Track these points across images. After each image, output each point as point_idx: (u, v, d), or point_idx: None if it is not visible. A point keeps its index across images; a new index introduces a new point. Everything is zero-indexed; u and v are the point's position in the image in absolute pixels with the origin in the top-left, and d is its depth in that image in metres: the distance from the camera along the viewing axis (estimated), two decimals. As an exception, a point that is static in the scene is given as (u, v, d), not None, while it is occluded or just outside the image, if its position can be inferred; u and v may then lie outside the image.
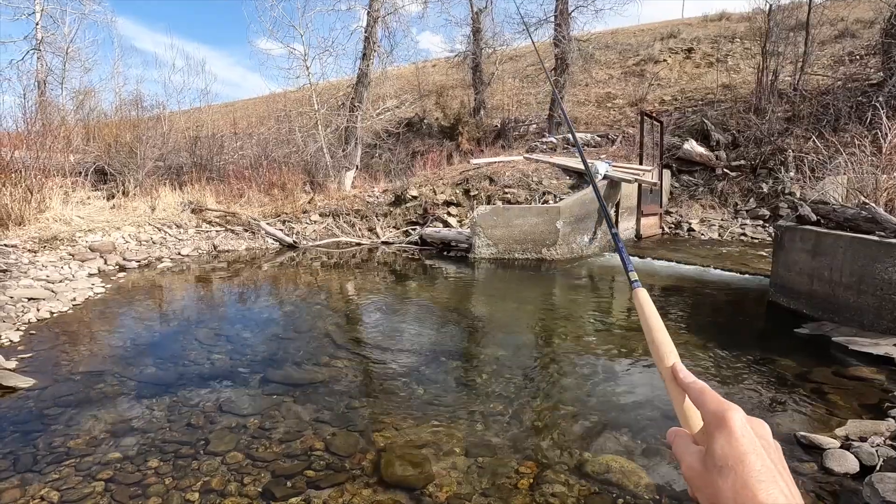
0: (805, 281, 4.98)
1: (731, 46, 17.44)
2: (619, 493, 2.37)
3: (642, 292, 0.63)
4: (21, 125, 11.19)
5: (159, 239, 9.34)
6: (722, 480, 0.41)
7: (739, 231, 10.14)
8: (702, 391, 0.48)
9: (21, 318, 4.93)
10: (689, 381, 0.51)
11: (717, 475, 0.42)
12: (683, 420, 0.52)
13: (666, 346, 0.57)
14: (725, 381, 3.62)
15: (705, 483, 0.43)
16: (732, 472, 0.41)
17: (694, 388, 0.49)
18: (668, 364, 0.55)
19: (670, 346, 0.57)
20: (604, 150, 12.55)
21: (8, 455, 2.64)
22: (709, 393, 0.48)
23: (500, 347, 4.45)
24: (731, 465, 0.41)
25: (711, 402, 0.46)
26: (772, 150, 11.08)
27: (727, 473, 0.41)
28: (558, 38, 14.68)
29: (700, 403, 0.48)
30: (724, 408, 0.45)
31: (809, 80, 12.56)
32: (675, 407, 0.53)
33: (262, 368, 3.90)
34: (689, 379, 0.51)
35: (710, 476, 0.42)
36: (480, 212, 8.71)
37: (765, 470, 0.41)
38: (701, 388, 0.49)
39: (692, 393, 0.49)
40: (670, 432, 0.52)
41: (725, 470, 0.41)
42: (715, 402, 0.46)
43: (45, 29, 17.27)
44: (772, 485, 0.40)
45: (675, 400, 0.53)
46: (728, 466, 0.41)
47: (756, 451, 0.42)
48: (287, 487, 2.41)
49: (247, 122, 18.09)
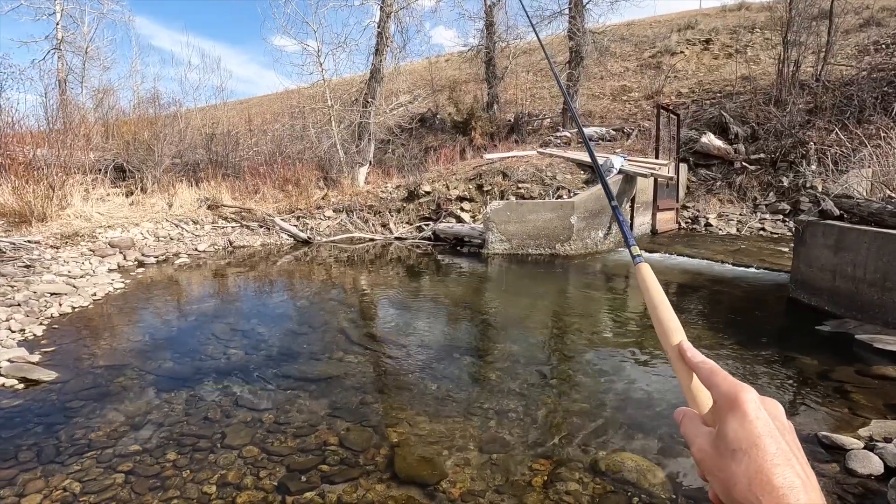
0: (827, 277, 4.86)
1: (750, 37, 17.05)
2: (635, 491, 2.35)
3: (645, 267, 0.61)
4: (43, 124, 11.46)
5: (176, 235, 9.48)
6: (735, 465, 0.40)
7: (758, 226, 9.94)
8: (712, 371, 0.47)
9: (44, 313, 5.04)
10: (697, 361, 0.49)
11: (731, 459, 0.41)
12: (692, 400, 0.50)
13: (671, 324, 0.55)
14: (743, 380, 3.55)
15: (717, 466, 0.42)
16: (746, 456, 0.40)
17: (703, 367, 0.48)
18: (674, 342, 0.53)
19: (675, 324, 0.55)
20: (619, 145, 12.39)
21: (32, 446, 2.71)
22: (719, 373, 0.46)
23: (513, 343, 4.43)
24: (745, 448, 0.40)
25: (723, 383, 0.45)
26: (793, 143, 10.82)
27: (741, 457, 0.40)
28: (573, 31, 14.50)
29: (710, 384, 0.46)
30: (736, 389, 0.43)
31: (832, 70, 12.22)
32: (682, 386, 0.52)
33: (277, 363, 3.94)
34: (698, 358, 0.50)
35: (722, 460, 0.41)
36: (494, 207, 8.67)
37: (780, 453, 0.40)
38: (711, 367, 0.47)
39: (702, 373, 0.48)
40: (678, 412, 0.51)
41: (739, 454, 0.40)
42: (726, 382, 0.45)
43: (65, 29, 17.61)
44: (787, 468, 0.39)
45: (683, 379, 0.51)
46: (742, 450, 0.40)
47: (771, 434, 0.40)
48: (302, 482, 2.43)
49: (261, 118, 18.24)
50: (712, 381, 0.46)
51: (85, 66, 17.80)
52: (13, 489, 2.35)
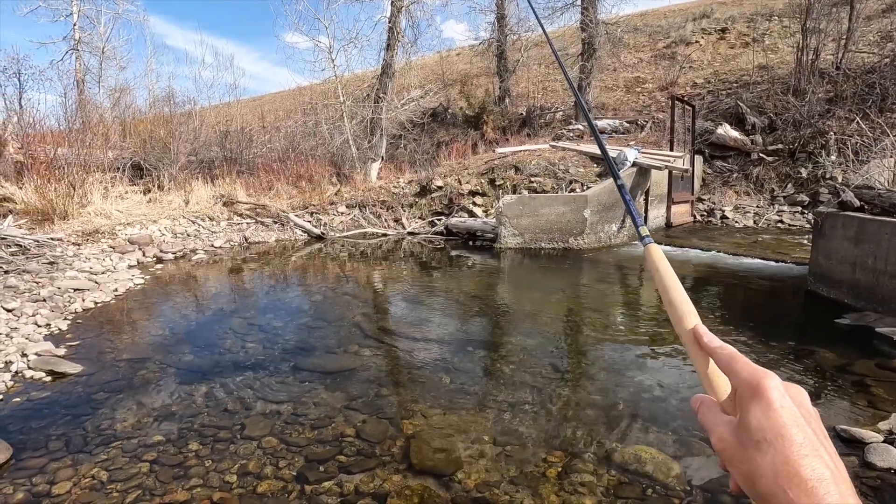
0: (847, 269, 4.78)
1: (768, 25, 16.69)
2: (649, 484, 2.35)
3: (655, 249, 0.59)
4: (63, 123, 11.70)
5: (193, 231, 9.64)
6: (760, 456, 0.38)
7: (776, 218, 9.79)
8: (731, 357, 0.45)
9: (68, 308, 5.18)
10: (715, 346, 0.47)
11: (754, 450, 0.39)
12: (709, 386, 0.48)
13: (684, 307, 0.53)
14: (760, 373, 3.52)
15: (740, 458, 0.40)
16: (771, 447, 0.38)
17: (722, 353, 0.46)
18: (689, 326, 0.51)
19: (689, 307, 0.53)
20: (633, 137, 12.25)
21: (61, 436, 2.80)
22: (739, 359, 0.44)
23: (526, 337, 4.45)
24: (770, 439, 0.38)
25: (743, 370, 0.43)
26: (812, 133, 10.61)
27: (765, 448, 0.38)
28: (585, 23, 14.34)
29: (730, 371, 0.44)
30: (758, 375, 0.41)
31: (854, 57, 11.93)
32: (698, 372, 0.49)
33: (294, 356, 4.00)
34: (715, 343, 0.48)
35: (745, 451, 0.40)
36: (506, 201, 8.65)
37: (807, 443, 0.38)
38: (730, 353, 0.45)
39: (720, 359, 0.46)
40: (695, 399, 0.49)
41: (763, 444, 0.38)
42: (747, 368, 0.43)
43: (82, 29, 17.93)
44: (815, 459, 0.37)
45: (699, 365, 0.49)
46: (766, 440, 0.38)
47: (797, 423, 0.39)
48: (320, 472, 2.48)
49: (274, 115, 18.39)
50: (732, 367, 0.44)
51: (102, 66, 18.12)
52: (44, 476, 2.44)
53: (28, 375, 3.59)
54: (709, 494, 2.29)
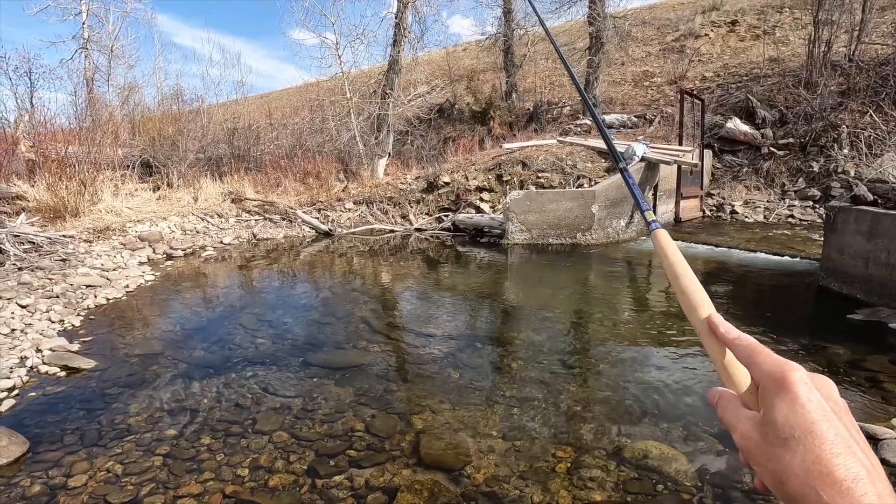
0: (859, 264, 4.73)
1: (778, 17, 16.45)
2: (659, 479, 2.35)
3: (662, 234, 0.56)
4: (73, 122, 11.82)
5: (202, 228, 9.71)
6: (789, 454, 0.36)
7: (787, 213, 9.67)
8: (752, 349, 0.42)
9: (81, 304, 5.25)
10: (733, 337, 0.45)
11: (782, 448, 0.36)
12: (727, 379, 0.45)
13: (697, 295, 0.50)
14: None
15: (766, 456, 0.38)
16: (801, 445, 0.35)
17: (741, 345, 0.43)
18: (703, 315, 0.48)
19: (702, 295, 0.50)
20: (641, 132, 12.16)
21: (76, 430, 2.85)
22: (760, 350, 0.42)
23: (534, 333, 4.44)
24: (799, 436, 0.36)
25: (766, 362, 0.41)
26: (823, 127, 10.46)
27: (794, 446, 0.36)
28: (593, 16, 14.21)
29: (751, 364, 0.42)
30: (783, 368, 0.39)
31: (867, 49, 11.72)
32: (714, 364, 0.47)
33: (303, 352, 4.03)
34: (733, 334, 0.45)
35: (772, 448, 0.37)
36: (513, 197, 8.63)
37: (839, 440, 0.35)
38: (750, 344, 0.43)
39: (740, 351, 0.43)
40: (712, 393, 0.46)
41: (791, 442, 0.36)
42: (770, 361, 0.40)
43: (90, 28, 18.05)
44: (849, 457, 0.35)
45: (715, 356, 0.47)
46: (794, 438, 0.36)
47: (827, 418, 0.36)
48: (330, 466, 2.51)
49: (281, 112, 18.44)
50: (753, 359, 0.42)
51: (111, 65, 18.25)
52: (60, 469, 2.48)
53: (43, 370, 3.65)
54: (719, 490, 2.28)
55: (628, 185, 0.65)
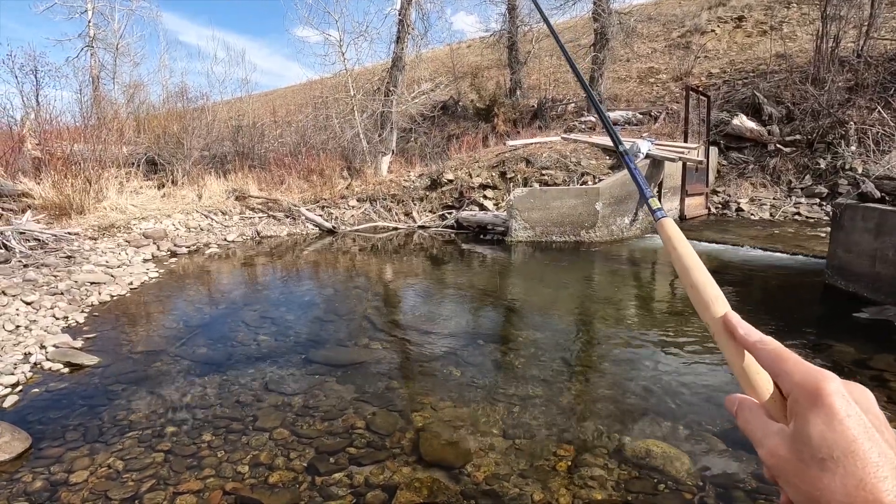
0: (866, 262, 4.68)
1: (786, 13, 16.29)
2: (661, 478, 2.33)
3: (670, 223, 0.52)
4: (78, 119, 11.88)
5: (206, 226, 9.75)
6: (827, 477, 0.32)
7: (793, 210, 9.60)
8: (778, 355, 0.38)
9: (85, 301, 5.28)
10: (754, 340, 0.41)
11: (819, 469, 0.33)
12: (747, 384, 0.41)
13: (710, 291, 0.46)
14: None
15: (800, 477, 0.34)
16: (840, 467, 0.32)
17: (765, 350, 0.40)
18: (717, 314, 0.44)
19: (716, 290, 0.46)
20: (646, 128, 12.09)
21: (78, 426, 2.86)
22: (788, 357, 0.38)
23: (537, 331, 4.43)
24: (838, 457, 0.32)
25: (795, 370, 0.36)
26: (831, 123, 10.36)
27: (833, 468, 0.32)
28: (598, 12, 14.13)
29: (778, 372, 0.38)
30: (815, 378, 0.35)
31: (876, 45, 11.59)
32: (731, 367, 0.43)
33: (305, 349, 4.03)
34: (754, 337, 0.41)
35: (806, 469, 0.34)
36: (517, 194, 8.60)
37: (884, 461, 0.32)
38: (775, 350, 0.39)
39: (763, 357, 0.40)
40: (731, 400, 0.42)
41: (830, 463, 0.32)
42: (799, 369, 0.36)
43: (96, 26, 18.13)
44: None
45: (731, 358, 0.43)
46: (833, 459, 0.32)
47: (869, 436, 0.33)
48: (330, 463, 2.50)
49: (285, 110, 18.47)
50: (780, 367, 0.38)
51: (116, 63, 18.32)
52: (62, 465, 2.49)
53: (46, 367, 3.67)
54: (721, 489, 2.26)
55: (630, 171, 0.60)
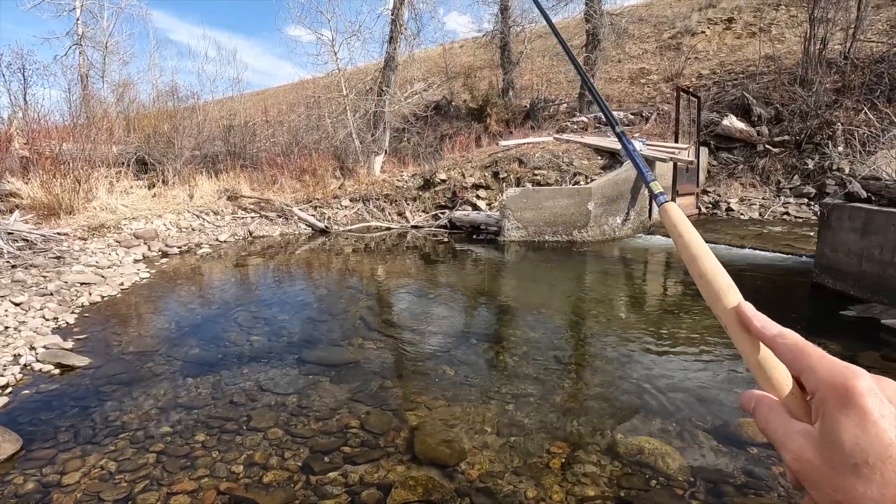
0: (853, 261, 4.75)
1: (775, 15, 16.48)
2: (653, 475, 2.36)
3: (673, 208, 0.48)
4: (67, 118, 11.74)
5: (198, 226, 9.68)
6: (862, 484, 0.30)
7: (782, 210, 9.72)
8: (801, 349, 0.36)
9: (75, 302, 5.23)
10: (773, 333, 0.38)
11: (853, 475, 0.30)
12: (764, 380, 0.38)
13: (721, 280, 0.43)
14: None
15: (831, 484, 0.32)
16: (877, 473, 0.30)
17: (785, 344, 0.37)
18: (730, 305, 0.42)
19: (726, 279, 0.43)
20: (637, 129, 12.18)
21: (70, 428, 2.84)
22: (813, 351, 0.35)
23: (530, 329, 4.45)
24: (874, 462, 0.30)
25: (821, 366, 0.34)
26: (819, 124, 10.50)
27: (868, 474, 0.30)
28: (589, 13, 14.21)
29: (801, 368, 0.35)
30: (845, 375, 0.32)
31: (862, 47, 11.77)
32: (746, 361, 0.40)
33: (299, 349, 4.03)
34: (773, 329, 0.39)
35: (838, 475, 0.31)
36: (510, 194, 8.64)
37: None
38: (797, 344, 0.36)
39: (784, 351, 0.37)
40: (748, 397, 0.39)
41: (865, 469, 0.30)
42: (825, 365, 0.34)
43: (85, 24, 17.93)
44: None
45: (746, 352, 0.40)
46: (868, 464, 0.30)
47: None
48: (325, 462, 2.51)
49: (278, 109, 18.38)
50: (804, 363, 0.35)
51: (105, 61, 18.14)
52: (54, 467, 2.47)
53: (37, 368, 3.63)
54: (711, 485, 2.29)
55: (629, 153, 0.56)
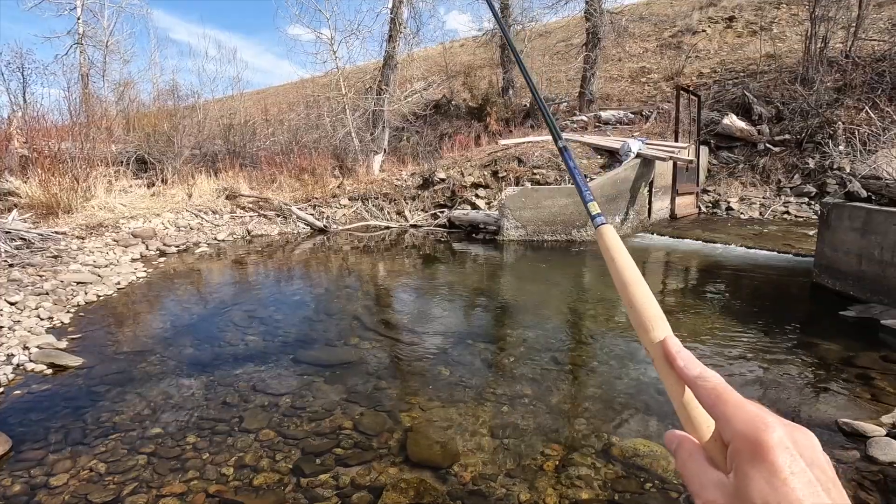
0: (853, 261, 4.72)
1: (776, 13, 16.42)
2: (648, 477, 2.33)
3: (609, 231, 0.47)
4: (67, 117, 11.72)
5: (196, 225, 9.66)
6: None
7: (782, 209, 9.68)
8: (717, 395, 0.34)
9: (71, 301, 5.21)
10: (693, 375, 0.36)
11: None
12: (686, 420, 0.37)
13: (649, 310, 0.41)
14: (764, 366, 3.49)
15: None
16: None
17: (704, 388, 0.35)
18: (657, 338, 0.40)
19: (656, 310, 0.41)
20: (637, 128, 12.13)
21: (60, 429, 2.82)
22: (729, 399, 0.34)
23: (527, 330, 4.42)
24: None
25: (736, 416, 0.32)
26: (819, 123, 10.45)
27: None
28: (590, 12, 14.16)
29: (717, 415, 0.34)
30: (757, 427, 0.31)
31: (863, 46, 11.71)
32: (672, 400, 0.38)
33: (294, 349, 4.00)
34: (694, 371, 0.37)
35: None
36: (509, 193, 8.60)
37: None
38: (715, 388, 0.35)
39: (702, 395, 0.35)
40: (670, 437, 0.38)
41: None
42: (741, 415, 0.32)
43: (85, 23, 17.89)
44: None
45: (671, 390, 0.38)
46: None
47: (814, 495, 0.29)
48: (316, 464, 2.48)
49: (277, 108, 18.35)
50: (720, 410, 0.34)
51: (106, 60, 18.09)
52: (42, 469, 2.45)
53: (29, 368, 3.61)
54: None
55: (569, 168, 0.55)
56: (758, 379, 3.32)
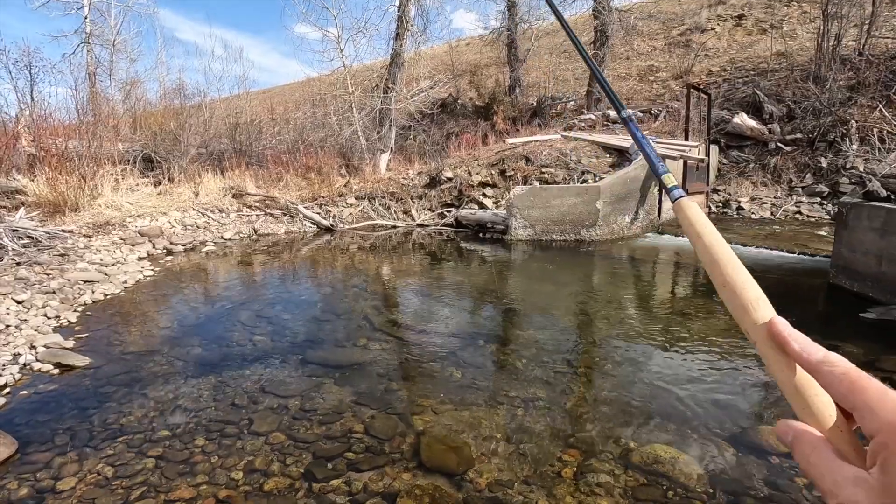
0: (872, 262, 4.61)
1: (786, 11, 16.23)
2: (670, 485, 2.26)
3: (690, 204, 0.42)
4: (74, 116, 11.74)
5: (203, 223, 9.64)
6: None
7: (794, 209, 9.54)
8: (852, 382, 0.30)
9: (78, 300, 5.18)
10: (816, 360, 0.33)
11: None
12: (802, 409, 0.33)
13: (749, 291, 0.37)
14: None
15: None
16: None
17: (833, 374, 0.32)
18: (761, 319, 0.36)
19: (756, 290, 0.37)
20: (646, 127, 12.01)
21: (67, 430, 2.77)
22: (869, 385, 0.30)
23: (538, 331, 4.35)
24: None
25: (885, 408, 0.28)
26: (832, 122, 10.30)
27: None
28: (598, 10, 14.05)
29: (856, 404, 0.30)
30: None
31: (877, 43, 11.54)
32: (781, 386, 0.34)
33: (302, 350, 3.95)
34: (816, 355, 0.34)
35: None
36: (517, 192, 8.52)
37: None
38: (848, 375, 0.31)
39: (832, 383, 0.32)
40: (784, 428, 0.34)
41: None
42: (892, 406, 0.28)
43: (93, 22, 17.94)
44: None
45: (780, 376, 0.34)
46: None
47: None
48: (328, 469, 2.42)
49: (284, 107, 18.33)
50: (859, 398, 0.30)
51: (113, 59, 18.14)
52: (49, 472, 2.40)
53: (36, 368, 3.57)
54: (732, 497, 2.19)
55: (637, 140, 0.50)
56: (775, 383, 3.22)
